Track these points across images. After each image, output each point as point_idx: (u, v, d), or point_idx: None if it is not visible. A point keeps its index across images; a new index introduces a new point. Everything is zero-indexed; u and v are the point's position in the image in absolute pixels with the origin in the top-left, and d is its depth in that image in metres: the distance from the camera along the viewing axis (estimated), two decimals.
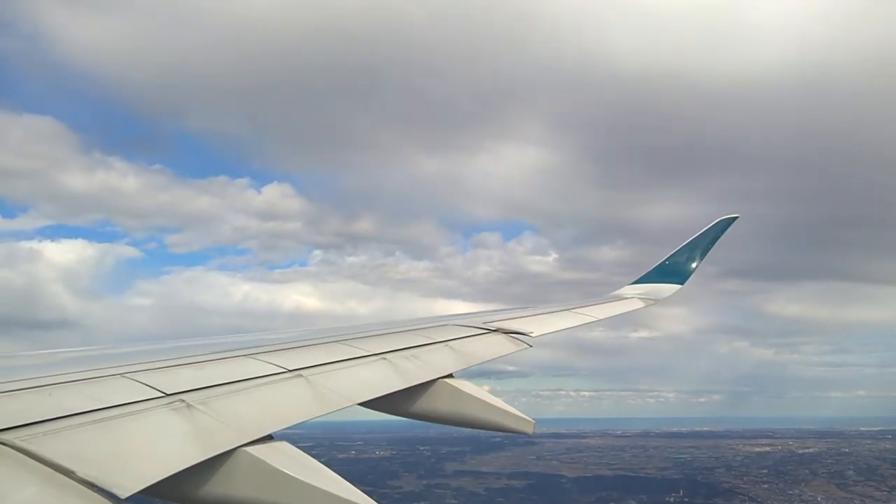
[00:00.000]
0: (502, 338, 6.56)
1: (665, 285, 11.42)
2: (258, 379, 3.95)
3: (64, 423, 2.87)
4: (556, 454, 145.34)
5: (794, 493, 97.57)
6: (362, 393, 4.37)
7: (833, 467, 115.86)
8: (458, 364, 5.46)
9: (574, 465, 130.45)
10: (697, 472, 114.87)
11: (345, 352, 4.85)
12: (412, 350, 5.36)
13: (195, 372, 3.84)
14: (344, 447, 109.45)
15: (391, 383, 4.67)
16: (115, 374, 3.58)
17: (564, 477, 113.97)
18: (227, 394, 3.64)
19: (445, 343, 5.80)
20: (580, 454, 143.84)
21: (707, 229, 11.82)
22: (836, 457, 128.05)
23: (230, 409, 3.47)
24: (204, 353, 4.31)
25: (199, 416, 3.29)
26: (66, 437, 2.77)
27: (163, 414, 3.22)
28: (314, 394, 4.05)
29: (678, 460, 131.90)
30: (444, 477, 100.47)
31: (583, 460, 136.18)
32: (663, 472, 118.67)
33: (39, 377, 3.36)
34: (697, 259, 11.70)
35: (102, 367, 3.69)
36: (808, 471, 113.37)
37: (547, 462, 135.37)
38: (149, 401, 3.29)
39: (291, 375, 4.13)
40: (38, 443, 2.65)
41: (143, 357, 4.10)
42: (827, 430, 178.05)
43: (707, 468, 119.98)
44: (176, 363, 3.97)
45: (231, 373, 3.92)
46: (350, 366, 4.66)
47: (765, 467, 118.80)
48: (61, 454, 2.62)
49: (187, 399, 3.39)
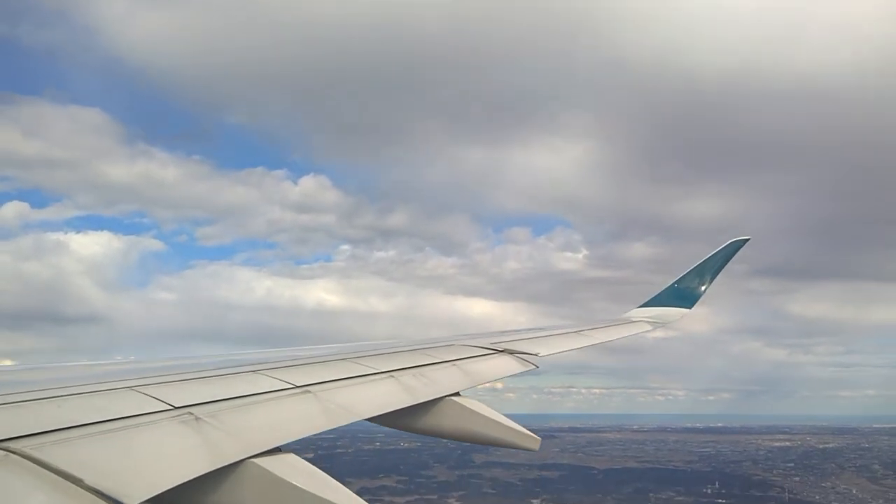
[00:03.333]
0: (509, 358, 6.69)
1: (673, 309, 11.58)
2: (266, 394, 4.01)
3: (73, 433, 2.91)
4: (578, 447, 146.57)
5: (828, 486, 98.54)
6: (369, 409, 4.44)
7: (858, 462, 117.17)
8: (465, 383, 5.55)
9: (600, 457, 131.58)
10: (725, 465, 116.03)
11: (353, 369, 4.92)
12: (420, 369, 5.43)
13: (204, 386, 3.89)
14: (367, 439, 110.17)
15: (398, 400, 4.74)
16: (124, 388, 3.62)
17: (595, 469, 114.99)
18: (235, 407, 3.68)
19: (453, 363, 5.89)
20: (602, 447, 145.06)
21: (717, 252, 11.89)
22: (857, 452, 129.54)
23: (238, 423, 3.51)
24: (213, 369, 4.38)
25: (207, 429, 3.33)
26: (75, 447, 2.81)
27: (171, 426, 3.26)
28: (322, 409, 4.10)
29: (702, 454, 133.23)
30: (475, 468, 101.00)
31: (607, 453, 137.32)
32: (691, 464, 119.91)
33: (49, 389, 3.40)
34: (707, 282, 11.80)
35: (111, 381, 3.73)
36: (835, 465, 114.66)
37: (572, 454, 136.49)
38: (157, 413, 3.33)
39: (299, 391, 4.19)
40: (47, 452, 2.68)
41: (152, 371, 4.16)
42: (842, 427, 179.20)
43: (733, 461, 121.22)
44: (185, 378, 4.02)
45: (240, 388, 3.97)
46: (358, 383, 4.73)
47: (790, 461, 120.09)
48: (70, 463, 2.65)
49: (196, 412, 3.43)
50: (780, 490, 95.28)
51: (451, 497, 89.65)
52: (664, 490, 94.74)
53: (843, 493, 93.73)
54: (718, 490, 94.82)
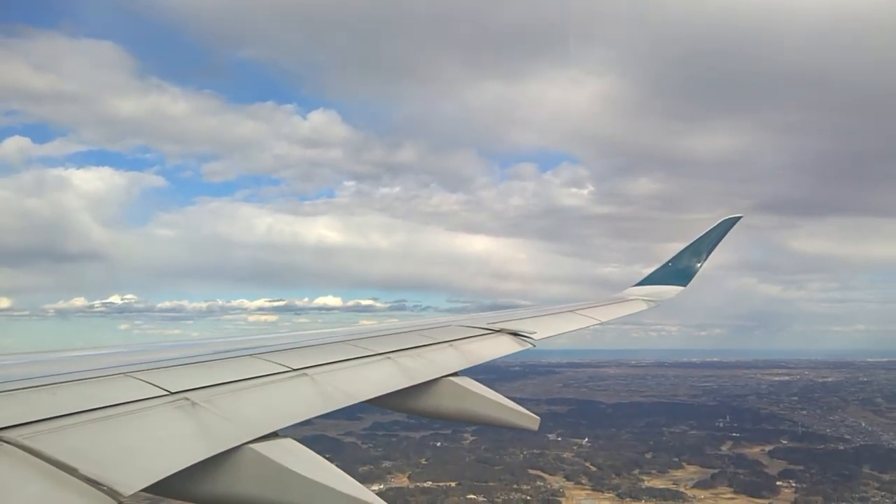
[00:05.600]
0: (506, 338, 6.71)
1: (669, 287, 11.74)
2: (263, 378, 3.96)
3: (67, 421, 2.86)
4: (581, 382, 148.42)
5: (836, 419, 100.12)
6: (367, 391, 4.41)
7: (859, 395, 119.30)
8: (462, 363, 5.55)
9: (605, 392, 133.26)
10: (731, 399, 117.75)
11: (349, 352, 4.90)
12: (417, 350, 5.44)
13: (200, 371, 3.84)
14: None
15: (396, 382, 4.73)
16: (118, 374, 3.57)
17: (603, 403, 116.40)
18: (231, 392, 3.65)
19: (449, 343, 5.91)
20: (605, 382, 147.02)
21: (711, 230, 12.08)
22: (857, 385, 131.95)
23: (235, 407, 3.48)
24: (208, 354, 4.35)
25: (203, 414, 3.29)
26: (69, 436, 2.77)
27: (167, 412, 3.22)
28: (319, 392, 4.08)
29: (705, 388, 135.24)
30: None
31: (611, 388, 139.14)
32: (696, 398, 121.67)
33: (42, 376, 3.35)
34: (702, 260, 11.99)
35: (106, 367, 3.69)
36: (838, 398, 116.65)
37: (576, 389, 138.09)
38: (153, 399, 3.29)
39: (296, 374, 4.16)
40: (40, 441, 2.64)
41: (147, 356, 4.16)
42: (837, 362, 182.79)
43: (738, 395, 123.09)
44: (180, 363, 3.98)
45: (236, 372, 3.93)
46: (355, 365, 4.71)
47: (793, 395, 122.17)
48: (64, 452, 2.61)
49: (192, 397, 3.39)
50: (792, 423, 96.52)
51: (466, 432, 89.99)
52: (676, 424, 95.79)
53: (852, 426, 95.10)
54: (730, 423, 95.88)
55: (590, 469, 75.37)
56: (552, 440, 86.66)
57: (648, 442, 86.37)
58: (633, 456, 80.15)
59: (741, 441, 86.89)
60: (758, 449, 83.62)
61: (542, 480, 71.79)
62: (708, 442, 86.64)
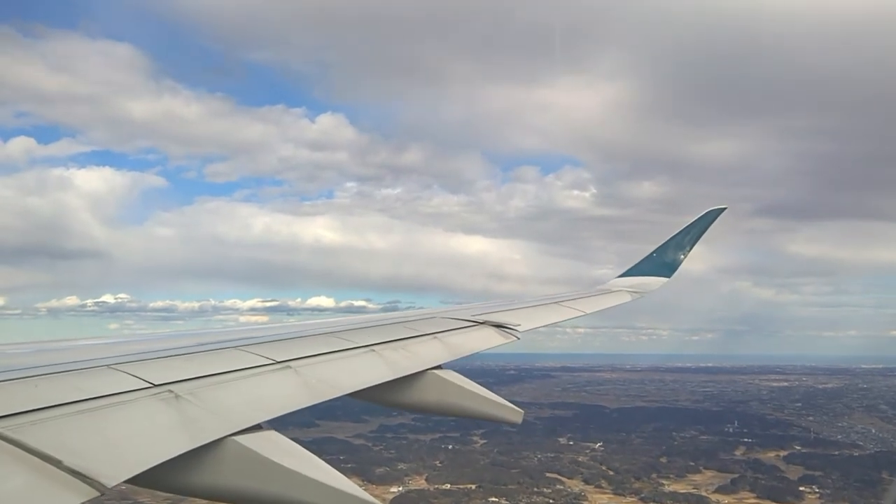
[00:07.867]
0: (490, 330, 6.70)
1: (653, 278, 11.66)
2: (247, 370, 3.95)
3: (51, 413, 2.85)
4: (579, 386, 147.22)
5: (845, 426, 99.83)
6: (351, 383, 4.41)
7: (863, 402, 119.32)
8: (447, 356, 5.54)
9: (606, 396, 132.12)
10: (735, 405, 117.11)
11: (334, 344, 4.89)
12: (401, 342, 5.43)
13: (184, 363, 3.82)
14: None
15: (380, 374, 4.72)
16: (102, 366, 3.55)
17: (606, 408, 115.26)
18: (215, 384, 3.63)
19: (434, 335, 5.90)
20: (603, 387, 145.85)
21: (695, 221, 12.01)
22: (859, 392, 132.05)
23: (219, 400, 3.47)
24: (192, 346, 4.33)
25: (187, 407, 3.28)
26: (53, 427, 2.75)
27: (151, 404, 3.20)
28: (302, 384, 4.06)
29: (706, 393, 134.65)
30: None
31: (611, 392, 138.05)
32: (699, 404, 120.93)
33: (26, 368, 3.33)
34: (686, 251, 11.95)
35: (90, 359, 3.68)
36: (842, 405, 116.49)
37: (576, 394, 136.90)
38: (137, 391, 3.27)
39: (280, 367, 4.15)
40: (24, 433, 2.62)
41: (131, 349, 4.15)
42: (833, 368, 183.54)
43: (740, 401, 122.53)
44: (164, 355, 3.96)
45: (220, 364, 3.90)
46: (338, 357, 4.70)
47: (796, 401, 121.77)
48: (48, 444, 2.60)
49: (175, 390, 3.37)
50: (801, 429, 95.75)
51: (475, 434, 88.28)
52: (685, 429, 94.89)
53: (862, 432, 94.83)
54: (739, 429, 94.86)
55: (608, 473, 74.41)
56: (564, 444, 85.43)
57: (661, 447, 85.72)
58: (649, 460, 79.40)
59: (754, 446, 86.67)
60: (773, 454, 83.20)
61: (560, 484, 70.67)
62: (721, 447, 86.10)
